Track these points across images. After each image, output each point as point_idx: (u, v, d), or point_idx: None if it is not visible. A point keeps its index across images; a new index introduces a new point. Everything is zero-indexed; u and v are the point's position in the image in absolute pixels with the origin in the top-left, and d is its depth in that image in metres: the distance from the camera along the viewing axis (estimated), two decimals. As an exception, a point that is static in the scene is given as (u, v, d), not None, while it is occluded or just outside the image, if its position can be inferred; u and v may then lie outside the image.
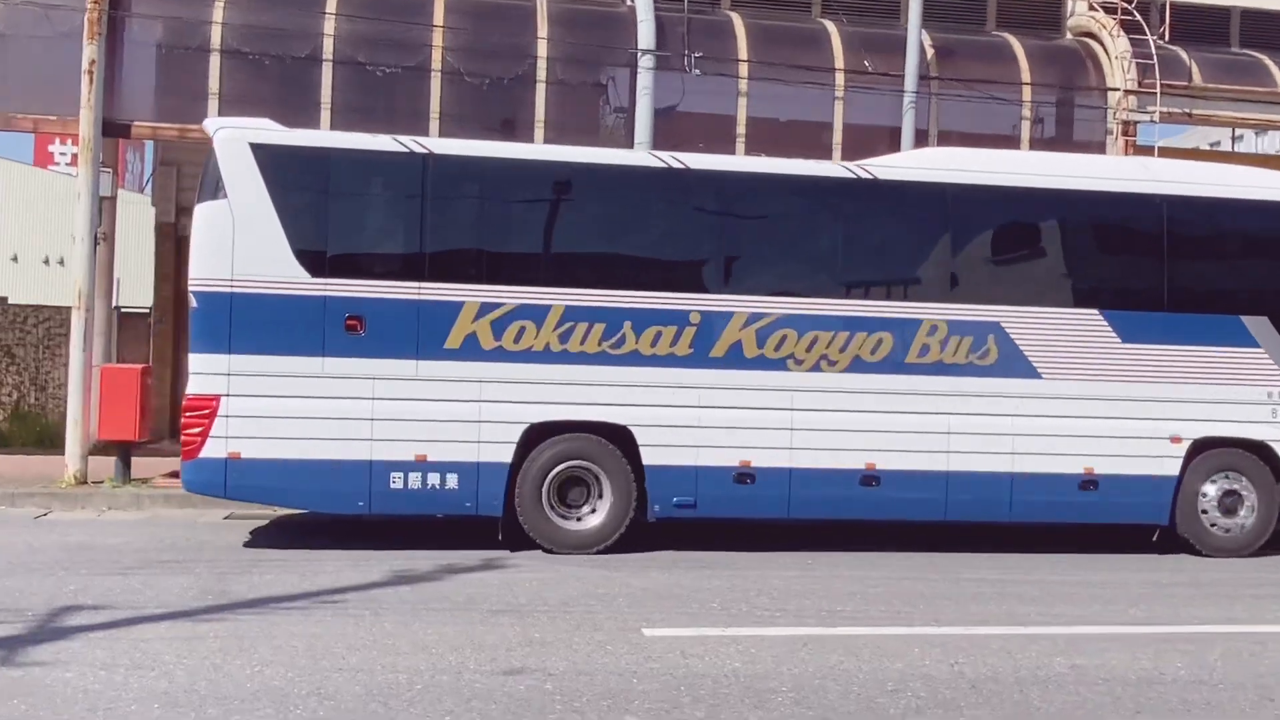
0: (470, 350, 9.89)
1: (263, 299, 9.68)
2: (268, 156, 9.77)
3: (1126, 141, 15.23)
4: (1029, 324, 10.62)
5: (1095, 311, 10.75)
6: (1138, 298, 10.92)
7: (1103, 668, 6.58)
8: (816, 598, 8.28)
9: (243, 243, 9.63)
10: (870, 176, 10.68)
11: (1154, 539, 11.04)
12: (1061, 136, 15.88)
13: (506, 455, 9.96)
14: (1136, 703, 5.95)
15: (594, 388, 10.07)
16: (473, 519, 10.10)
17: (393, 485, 9.81)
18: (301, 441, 9.70)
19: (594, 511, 10.18)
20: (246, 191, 9.67)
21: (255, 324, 9.64)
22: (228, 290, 9.65)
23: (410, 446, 9.82)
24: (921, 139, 14.55)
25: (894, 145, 14.24)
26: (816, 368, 10.32)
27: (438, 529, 10.65)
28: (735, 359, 10.22)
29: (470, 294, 9.95)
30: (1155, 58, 15.26)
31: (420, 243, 10.01)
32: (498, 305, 9.95)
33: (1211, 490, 10.86)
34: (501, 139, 12.27)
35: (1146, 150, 15.37)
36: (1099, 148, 15.25)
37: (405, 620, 7.19)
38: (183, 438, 9.73)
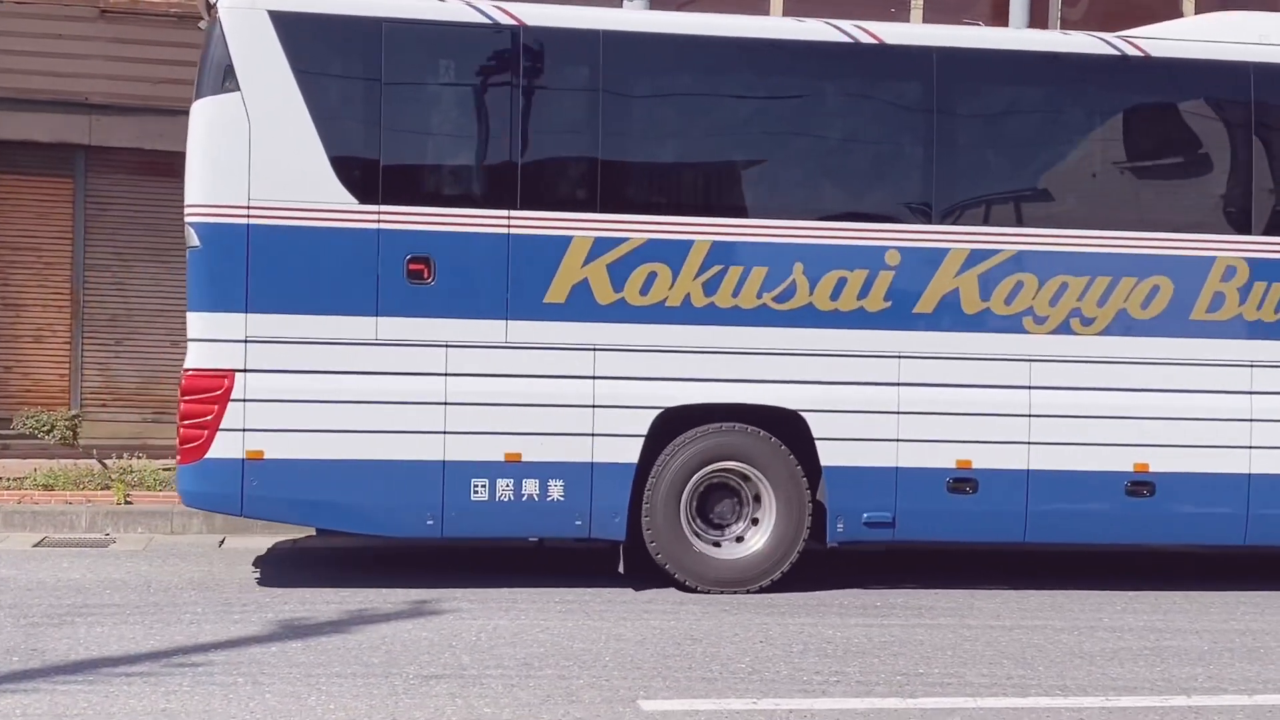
0: (580, 306, 7.22)
1: (292, 234, 7.07)
2: (297, 31, 7.06)
3: None
4: None
5: None
6: None
7: None
8: (889, 655, 6.32)
9: (263, 155, 6.98)
10: (1140, 53, 7.71)
11: None
12: None
13: (631, 453, 7.25)
14: None
15: (752, 358, 7.34)
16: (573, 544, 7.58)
17: (475, 496, 7.16)
18: (347, 436, 7.10)
19: (750, 533, 7.47)
20: (267, 82, 6.99)
21: (282, 270, 7.07)
22: (243, 221, 7.00)
23: (498, 442, 7.17)
24: None
25: (1000, 3, 10.85)
26: (1065, 328, 7.52)
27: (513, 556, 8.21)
28: (950, 317, 7.47)
29: (580, 225, 7.24)
30: None
31: (510, 153, 7.30)
32: (618, 241, 7.23)
33: None
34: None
35: None
36: None
37: (296, 690, 5.43)
38: (180, 431, 7.09)
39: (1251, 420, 7.59)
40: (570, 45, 7.36)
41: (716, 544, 7.45)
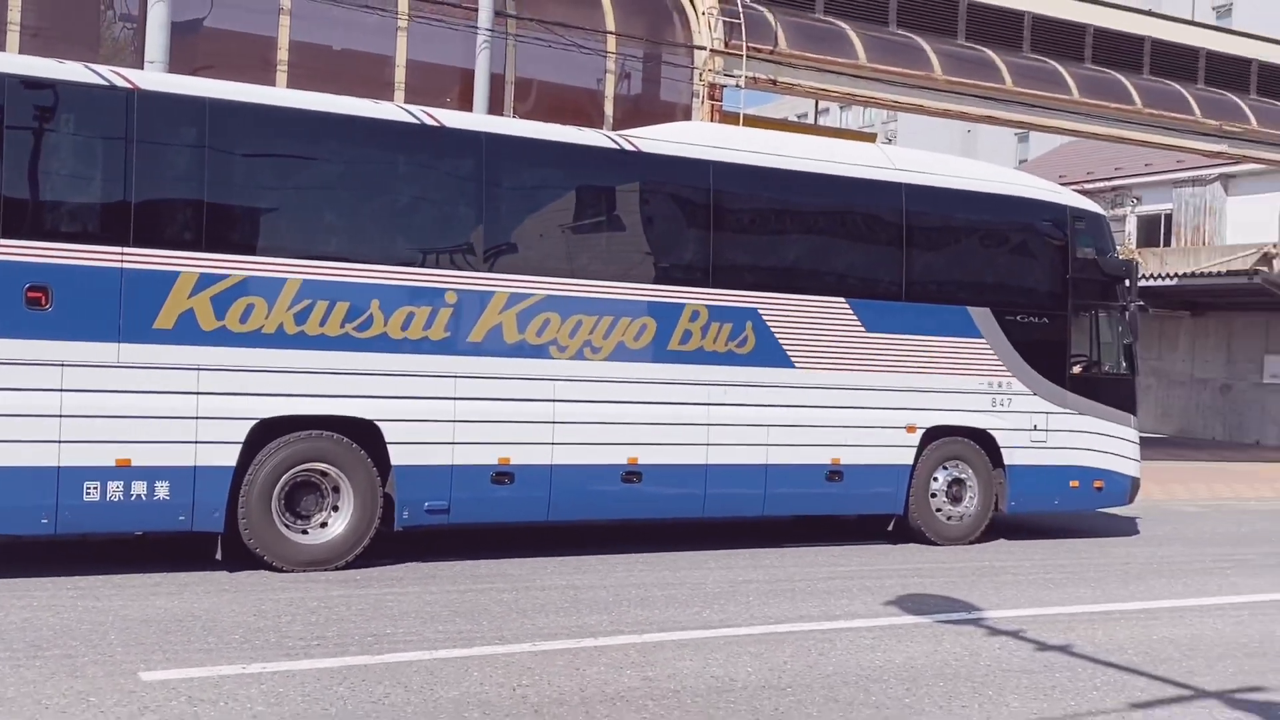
0: (186, 331, 8.30)
1: None
2: None
3: (713, 106, 14.70)
4: (783, 311, 10.44)
5: (843, 300, 10.71)
6: (880, 287, 10.99)
7: (674, 677, 6.24)
8: (364, 619, 7.24)
9: None
10: (634, 149, 10.01)
11: (889, 529, 11.28)
12: (648, 95, 15.23)
13: (231, 458, 8.46)
14: (706, 715, 5.65)
15: (336, 377, 8.78)
16: (182, 535, 8.58)
17: (87, 497, 8.04)
18: None
19: (332, 521, 8.89)
20: None
21: None
22: None
23: (109, 449, 8.10)
24: (497, 85, 13.46)
25: (466, 89, 13.16)
26: (580, 355, 9.61)
27: (128, 547, 8.97)
28: (495, 345, 9.31)
29: (187, 263, 8.33)
30: (742, 17, 14.56)
31: (125, 198, 8.24)
32: (221, 277, 8.41)
33: (941, 478, 11.21)
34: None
35: (733, 118, 14.91)
36: (685, 112, 14.69)
37: None
38: None
39: (709, 425, 10.11)
40: (179, 109, 8.41)
41: (304, 531, 8.79)
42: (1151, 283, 25.06)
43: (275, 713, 5.36)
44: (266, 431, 8.59)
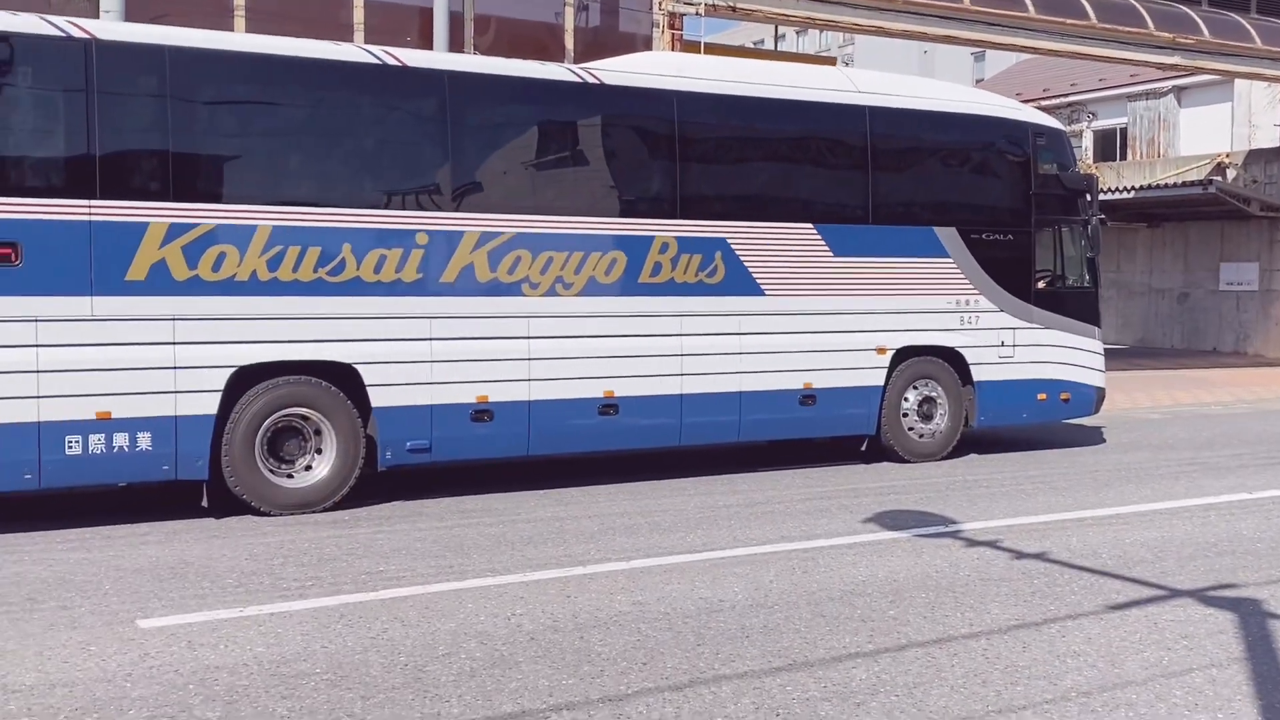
0: (159, 282, 8.30)
1: None
2: None
3: (673, 35, 14.74)
4: (752, 240, 10.53)
5: (810, 226, 10.79)
6: (846, 211, 11.07)
7: (664, 600, 6.38)
8: (355, 558, 7.38)
9: None
10: (596, 81, 9.98)
11: (863, 449, 11.48)
12: (608, 27, 15.21)
13: (211, 406, 8.50)
14: (698, 635, 5.78)
15: (311, 322, 8.81)
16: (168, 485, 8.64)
17: (69, 451, 8.08)
18: None
19: (316, 464, 8.97)
20: None
21: None
22: None
23: (89, 402, 8.12)
24: (456, 22, 13.47)
25: (426, 27, 13.09)
26: (552, 292, 9.67)
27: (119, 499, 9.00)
28: (468, 284, 9.35)
29: (156, 213, 8.30)
30: (698, -54, 14.53)
31: (89, 150, 8.16)
32: (191, 226, 8.39)
33: (912, 397, 11.40)
34: None
35: (693, 46, 14.98)
36: (645, 42, 14.74)
37: None
38: None
39: (682, 355, 10.21)
40: (139, 57, 8.32)
41: (288, 475, 8.87)
42: (1109, 196, 25.35)
43: (276, 652, 5.46)
44: (246, 379, 8.63)
